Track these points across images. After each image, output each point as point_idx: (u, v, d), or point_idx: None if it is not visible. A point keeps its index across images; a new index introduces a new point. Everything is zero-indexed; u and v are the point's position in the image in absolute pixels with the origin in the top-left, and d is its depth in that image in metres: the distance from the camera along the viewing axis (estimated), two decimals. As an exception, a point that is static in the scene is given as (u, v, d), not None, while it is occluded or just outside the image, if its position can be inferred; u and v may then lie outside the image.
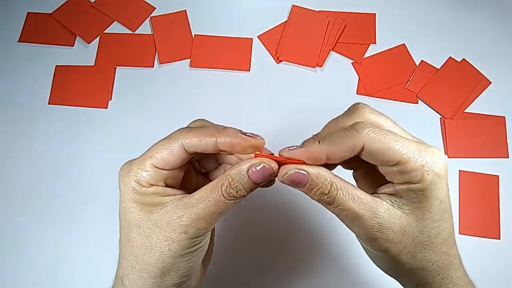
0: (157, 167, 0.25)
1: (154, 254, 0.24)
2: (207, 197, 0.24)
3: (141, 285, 0.24)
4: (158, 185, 0.25)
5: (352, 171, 0.29)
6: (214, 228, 0.32)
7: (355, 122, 0.24)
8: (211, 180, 0.30)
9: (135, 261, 0.24)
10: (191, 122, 0.29)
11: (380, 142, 0.22)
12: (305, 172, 0.23)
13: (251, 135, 0.26)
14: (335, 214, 0.24)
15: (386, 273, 0.27)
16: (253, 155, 0.25)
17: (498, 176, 0.43)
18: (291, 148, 0.25)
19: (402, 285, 0.27)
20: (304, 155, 0.24)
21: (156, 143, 0.26)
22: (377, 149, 0.22)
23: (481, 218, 0.42)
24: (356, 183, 0.29)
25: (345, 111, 0.27)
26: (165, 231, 0.24)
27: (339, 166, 0.27)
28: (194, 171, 0.30)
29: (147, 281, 0.24)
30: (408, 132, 0.25)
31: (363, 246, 0.27)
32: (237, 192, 0.24)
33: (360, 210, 0.23)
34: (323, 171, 0.24)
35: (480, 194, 0.43)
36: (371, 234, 0.23)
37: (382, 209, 0.23)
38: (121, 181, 0.25)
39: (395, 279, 0.26)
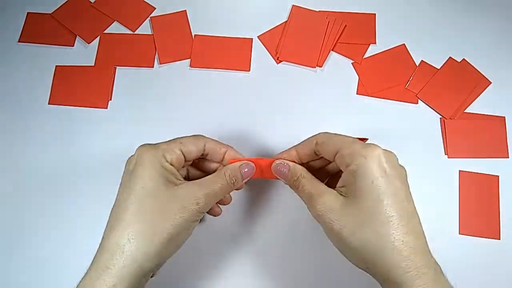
0: (182, 153, 0.31)
1: (167, 221, 0.27)
2: (215, 180, 0.31)
3: (145, 250, 0.27)
4: (175, 167, 0.31)
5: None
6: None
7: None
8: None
9: (147, 226, 0.27)
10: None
11: (325, 137, 0.31)
12: (286, 163, 0.33)
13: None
14: (300, 196, 0.32)
15: (343, 254, 0.30)
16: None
17: (498, 176, 0.43)
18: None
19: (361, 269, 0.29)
20: (282, 154, 0.34)
21: (183, 137, 0.32)
22: (323, 142, 0.31)
23: (481, 218, 0.42)
24: None
25: None
26: (181, 200, 0.28)
27: None
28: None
29: (154, 246, 0.27)
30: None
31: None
32: (235, 180, 0.32)
33: (312, 190, 0.30)
34: (297, 166, 0.33)
35: (480, 194, 0.43)
36: (318, 211, 0.29)
37: (329, 193, 0.29)
38: (146, 152, 0.29)
39: (351, 261, 0.29)
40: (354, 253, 0.27)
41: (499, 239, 0.41)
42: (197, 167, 0.37)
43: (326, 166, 0.35)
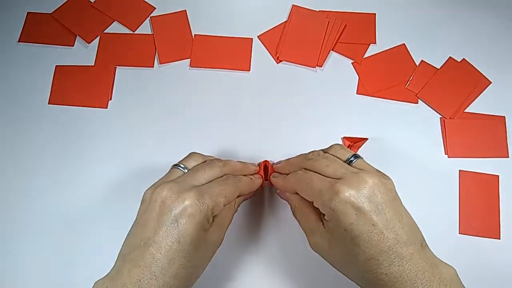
0: (224, 205, 0.31)
1: (203, 265, 0.31)
2: (229, 215, 0.33)
3: None
4: None
5: None
6: None
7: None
8: None
9: (189, 276, 0.29)
10: (190, 157, 0.35)
11: (299, 186, 0.32)
12: (285, 194, 0.36)
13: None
14: None
15: None
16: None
17: (498, 176, 0.43)
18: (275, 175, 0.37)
19: None
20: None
21: (223, 183, 0.32)
22: (299, 190, 0.32)
23: (481, 218, 0.42)
24: None
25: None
26: (212, 247, 0.31)
27: None
28: None
29: None
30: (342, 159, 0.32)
31: None
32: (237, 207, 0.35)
33: (305, 228, 0.32)
34: (292, 198, 0.34)
35: (480, 194, 0.43)
36: (312, 248, 0.31)
37: (318, 234, 0.31)
38: (197, 208, 0.28)
39: None
40: (351, 280, 0.30)
41: (499, 239, 0.41)
42: None
43: None
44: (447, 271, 0.27)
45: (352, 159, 0.31)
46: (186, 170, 0.32)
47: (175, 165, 0.33)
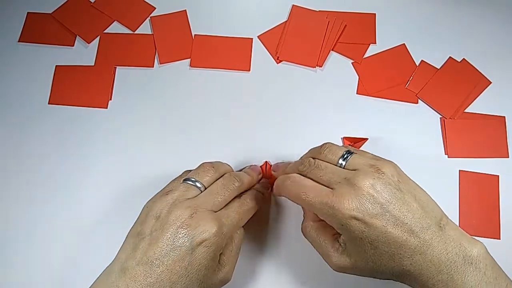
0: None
1: None
2: (236, 248, 0.33)
3: None
4: None
5: None
6: None
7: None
8: None
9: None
10: (200, 168, 0.34)
11: (300, 203, 0.31)
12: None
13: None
14: None
15: None
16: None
17: (498, 176, 0.43)
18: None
19: None
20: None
21: (240, 211, 0.33)
22: (307, 209, 0.34)
23: (481, 218, 0.42)
24: None
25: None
26: (217, 285, 0.31)
27: None
28: None
29: None
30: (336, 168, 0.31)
31: None
32: None
33: (321, 250, 0.32)
34: (307, 216, 0.34)
35: (480, 194, 0.43)
36: (335, 269, 0.31)
37: (336, 255, 0.30)
38: (217, 237, 0.29)
39: None
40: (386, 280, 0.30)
41: (499, 239, 0.41)
42: None
43: None
44: (472, 248, 0.27)
45: (346, 155, 0.30)
46: (199, 184, 0.32)
47: (186, 178, 0.32)
